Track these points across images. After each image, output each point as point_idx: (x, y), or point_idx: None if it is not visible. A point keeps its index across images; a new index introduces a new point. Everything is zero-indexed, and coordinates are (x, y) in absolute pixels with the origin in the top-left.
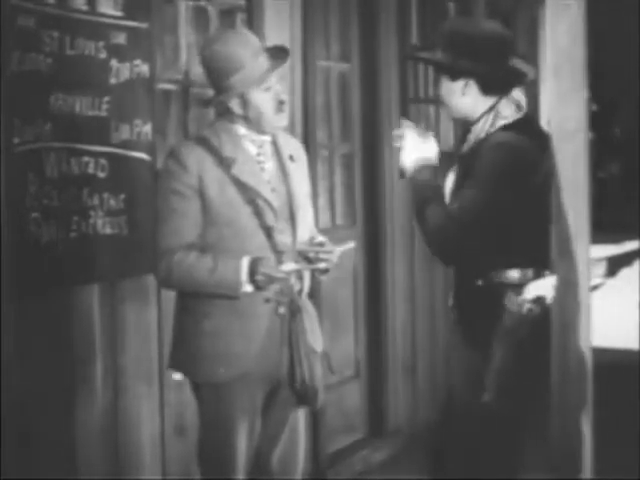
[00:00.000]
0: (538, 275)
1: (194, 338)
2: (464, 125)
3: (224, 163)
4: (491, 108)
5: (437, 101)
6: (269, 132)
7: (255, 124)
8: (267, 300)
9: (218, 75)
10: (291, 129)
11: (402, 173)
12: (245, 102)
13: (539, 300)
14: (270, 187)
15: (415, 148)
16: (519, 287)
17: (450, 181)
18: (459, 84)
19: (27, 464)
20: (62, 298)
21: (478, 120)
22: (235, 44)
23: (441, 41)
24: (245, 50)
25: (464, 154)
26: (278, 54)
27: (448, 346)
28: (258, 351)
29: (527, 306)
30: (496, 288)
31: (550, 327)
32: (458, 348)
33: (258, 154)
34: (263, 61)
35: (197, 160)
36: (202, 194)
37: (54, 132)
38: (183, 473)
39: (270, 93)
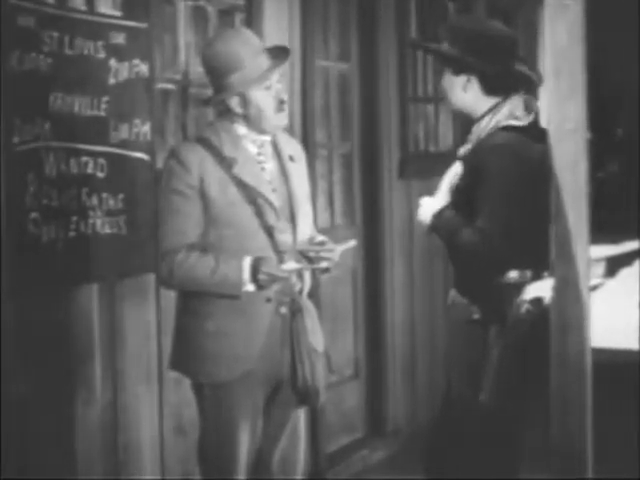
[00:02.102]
0: (537, 276)
1: (195, 338)
2: (465, 125)
3: (225, 163)
4: (492, 109)
5: (436, 100)
6: (269, 131)
7: (255, 123)
8: (268, 300)
9: (218, 74)
10: (290, 129)
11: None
12: (245, 101)
13: (537, 301)
14: (271, 187)
15: (429, 203)
16: (518, 287)
17: (448, 180)
18: (461, 79)
19: (27, 464)
20: (61, 298)
21: (479, 120)
22: (235, 43)
23: (448, 34)
24: (245, 49)
25: (465, 155)
26: (278, 54)
27: (448, 345)
28: (259, 351)
29: (525, 306)
30: (496, 288)
31: (548, 328)
32: (458, 347)
33: (258, 154)
34: (263, 60)
35: (198, 160)
36: (203, 194)
37: (53, 132)
38: (183, 473)
39: (270, 92)
